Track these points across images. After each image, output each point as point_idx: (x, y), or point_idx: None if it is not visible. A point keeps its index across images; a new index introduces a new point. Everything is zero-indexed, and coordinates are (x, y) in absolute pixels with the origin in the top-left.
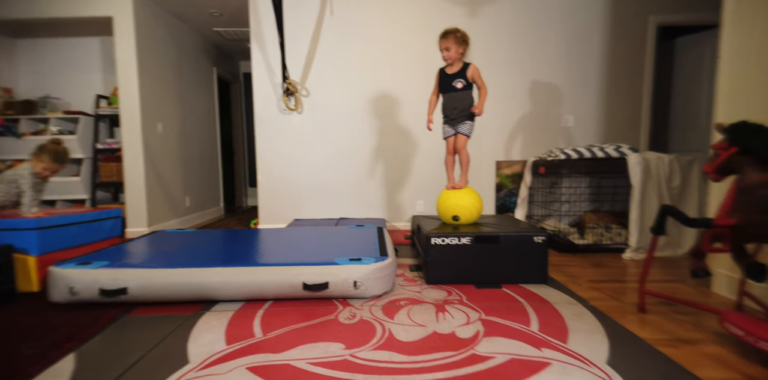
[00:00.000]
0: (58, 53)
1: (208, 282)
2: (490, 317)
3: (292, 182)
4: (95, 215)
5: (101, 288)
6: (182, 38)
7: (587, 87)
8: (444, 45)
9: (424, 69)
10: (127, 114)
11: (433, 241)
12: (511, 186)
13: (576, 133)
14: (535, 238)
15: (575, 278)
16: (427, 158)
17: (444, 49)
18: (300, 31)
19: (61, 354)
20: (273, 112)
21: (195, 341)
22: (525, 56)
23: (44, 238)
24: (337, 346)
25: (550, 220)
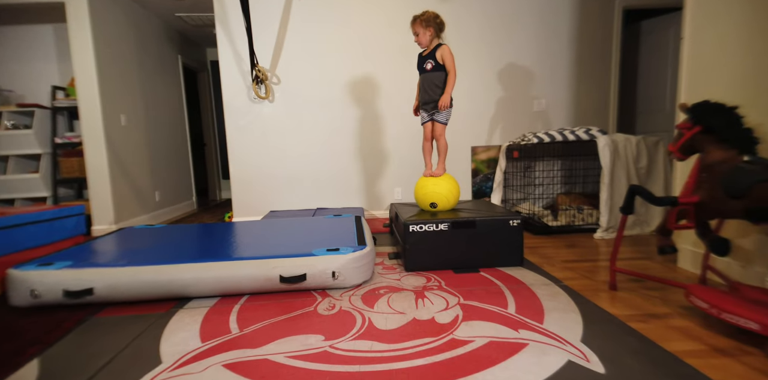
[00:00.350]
0: (7, 42)
1: (179, 279)
2: (469, 301)
3: (266, 173)
4: (55, 213)
5: (65, 289)
6: (143, 25)
7: (557, 71)
8: (413, 30)
9: (400, 54)
10: (87, 106)
11: (411, 228)
12: (486, 171)
13: (548, 117)
14: (511, 222)
15: (549, 259)
16: (404, 145)
17: (414, 34)
18: (267, 14)
19: (24, 360)
20: (243, 101)
21: (167, 340)
22: (496, 41)
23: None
24: (316, 338)
25: (525, 203)
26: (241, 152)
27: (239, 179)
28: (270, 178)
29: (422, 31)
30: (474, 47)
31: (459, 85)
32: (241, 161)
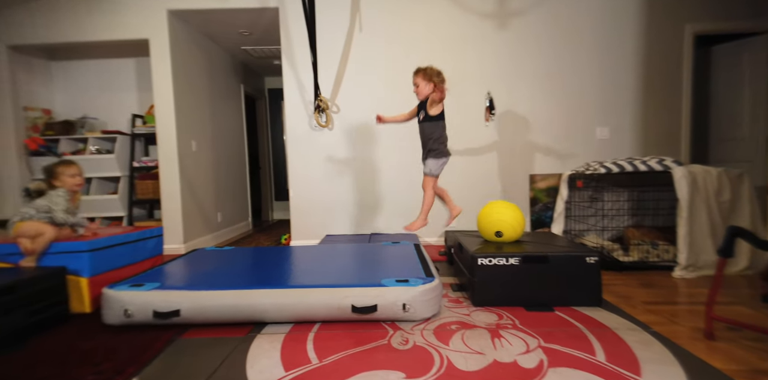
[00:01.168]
0: (94, 74)
1: (258, 304)
2: (550, 344)
3: (322, 197)
4: (139, 234)
5: (155, 310)
6: (213, 57)
7: (622, 98)
8: (414, 81)
9: (453, 85)
10: (164, 133)
11: (480, 261)
12: (546, 200)
13: (612, 145)
14: (587, 259)
15: (627, 299)
16: (457, 173)
17: (414, 84)
18: (330, 48)
19: (125, 379)
20: (304, 128)
21: (252, 367)
22: (556, 67)
23: (95, 259)
24: (396, 375)
25: (590, 235)
26: (301, 177)
27: (298, 203)
28: (326, 203)
29: (423, 84)
30: (532, 73)
31: (517, 112)
32: (301, 186)
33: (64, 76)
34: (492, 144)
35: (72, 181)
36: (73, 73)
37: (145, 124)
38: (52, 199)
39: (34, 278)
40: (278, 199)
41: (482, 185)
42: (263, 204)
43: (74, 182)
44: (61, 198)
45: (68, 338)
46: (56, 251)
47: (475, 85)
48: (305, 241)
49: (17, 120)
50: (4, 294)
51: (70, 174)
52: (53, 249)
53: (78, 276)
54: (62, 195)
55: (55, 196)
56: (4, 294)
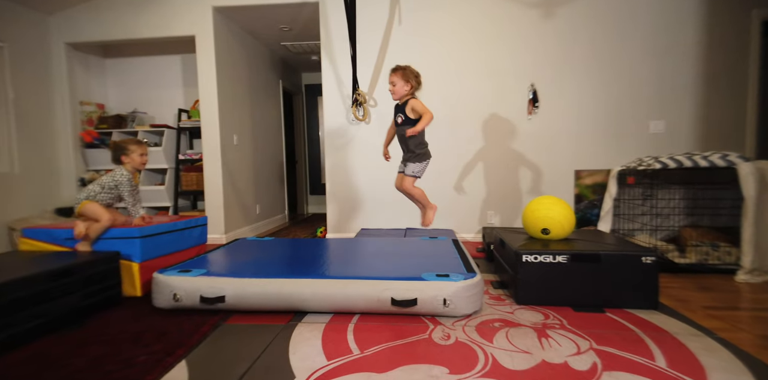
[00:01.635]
0: (143, 70)
1: (299, 293)
2: (603, 347)
3: (358, 191)
4: (186, 223)
5: (202, 295)
6: (254, 53)
7: (680, 89)
8: (391, 79)
9: (494, 76)
10: (207, 126)
11: (525, 258)
12: (592, 197)
13: (667, 140)
14: (644, 258)
15: (685, 303)
16: (497, 168)
17: (390, 83)
18: (368, 42)
19: (174, 360)
20: (341, 122)
21: (295, 353)
22: (606, 56)
23: (146, 246)
24: (440, 370)
25: (641, 235)
26: (337, 171)
27: (334, 197)
28: (362, 197)
29: (401, 84)
30: (580, 63)
31: (561, 105)
32: (337, 179)
33: (117, 73)
34: (534, 138)
35: (140, 159)
36: (124, 70)
37: (190, 118)
38: (116, 177)
39: (90, 262)
40: (313, 193)
41: (523, 182)
42: (298, 198)
43: (142, 161)
44: (125, 179)
45: (121, 319)
46: (110, 237)
47: (517, 77)
48: (341, 234)
49: (74, 114)
50: (63, 276)
51: (140, 153)
52: (107, 235)
53: (130, 261)
54: (126, 176)
55: (119, 176)
56: (63, 277)
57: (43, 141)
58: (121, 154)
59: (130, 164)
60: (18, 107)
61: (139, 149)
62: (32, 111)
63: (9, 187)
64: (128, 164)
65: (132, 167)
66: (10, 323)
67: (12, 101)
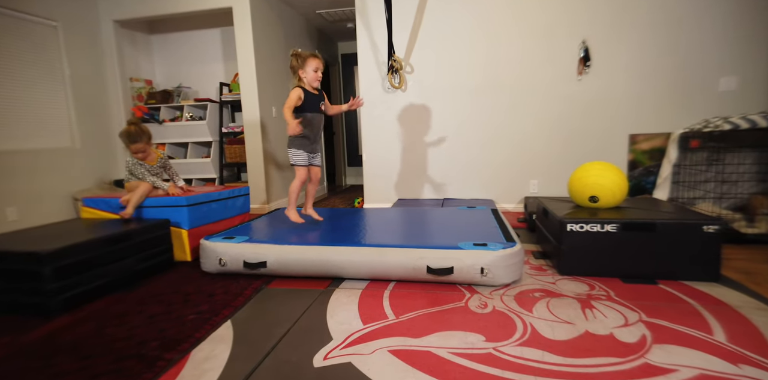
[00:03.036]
0: (186, 45)
1: (337, 260)
2: (654, 319)
3: (396, 161)
4: (229, 192)
5: (245, 260)
6: (290, 23)
7: (755, 40)
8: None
9: (541, 36)
10: (247, 99)
11: (569, 227)
12: (648, 163)
13: (740, 98)
14: (705, 227)
15: (752, 275)
16: (540, 135)
17: (317, 69)
18: (405, 3)
19: (221, 319)
20: (378, 91)
21: (332, 317)
22: (665, 5)
23: (193, 214)
24: (476, 337)
25: (703, 203)
26: (374, 141)
27: (370, 167)
28: (399, 166)
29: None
30: (636, 13)
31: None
32: (374, 150)
33: (162, 49)
34: (585, 101)
35: (136, 156)
36: (169, 45)
37: (231, 92)
38: (127, 166)
39: (143, 228)
40: (350, 165)
41: (570, 147)
42: (337, 169)
43: (137, 156)
44: (131, 165)
45: (173, 282)
46: (160, 205)
47: (566, 35)
48: (378, 204)
49: (125, 90)
50: (120, 241)
51: (135, 150)
52: (158, 203)
53: (179, 228)
54: (131, 162)
55: (128, 164)
56: (120, 242)
57: (99, 117)
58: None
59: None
60: (74, 84)
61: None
62: (87, 88)
63: (71, 160)
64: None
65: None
66: (77, 282)
67: (69, 77)
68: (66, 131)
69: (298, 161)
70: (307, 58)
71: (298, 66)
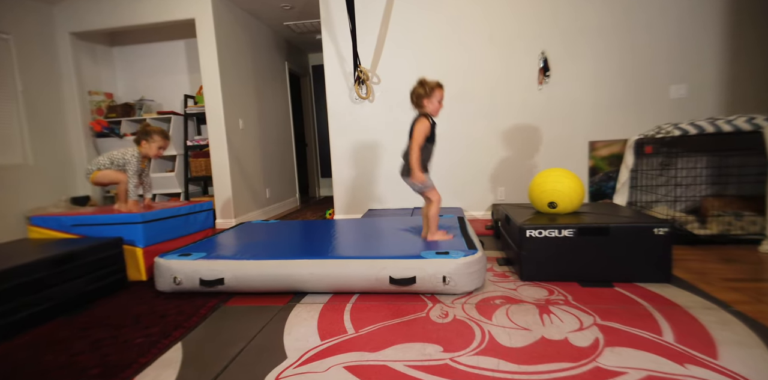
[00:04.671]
0: (149, 58)
1: (297, 274)
2: (608, 322)
3: (365, 172)
4: (190, 208)
5: (201, 278)
6: (256, 35)
7: (705, 50)
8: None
9: (502, 46)
10: (212, 112)
11: (529, 233)
12: (607, 169)
13: (690, 105)
14: (656, 230)
15: (703, 275)
16: (506, 143)
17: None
18: (369, 16)
19: (170, 342)
20: (345, 102)
21: (290, 334)
22: (621, 19)
23: (149, 230)
24: (434, 348)
25: (659, 207)
26: (343, 152)
27: (340, 178)
28: (368, 177)
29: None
30: (593, 24)
31: (573, 73)
32: (343, 161)
33: (124, 61)
34: (546, 109)
35: (156, 152)
36: (131, 58)
37: (196, 104)
38: (126, 156)
39: (93, 248)
40: (324, 176)
41: (533, 155)
42: (310, 181)
43: (157, 153)
44: (135, 159)
45: (123, 304)
46: (113, 223)
47: (527, 46)
48: (349, 215)
49: (83, 104)
50: (66, 262)
51: (159, 146)
52: (111, 220)
53: (134, 246)
54: (136, 157)
55: (130, 155)
56: (66, 263)
57: (55, 132)
58: (143, 139)
59: (145, 150)
60: (27, 99)
61: (161, 142)
62: (42, 102)
63: (24, 177)
64: (143, 149)
65: (145, 152)
66: (15, 308)
67: (21, 92)
68: (17, 147)
69: (429, 183)
70: (435, 87)
71: (425, 95)
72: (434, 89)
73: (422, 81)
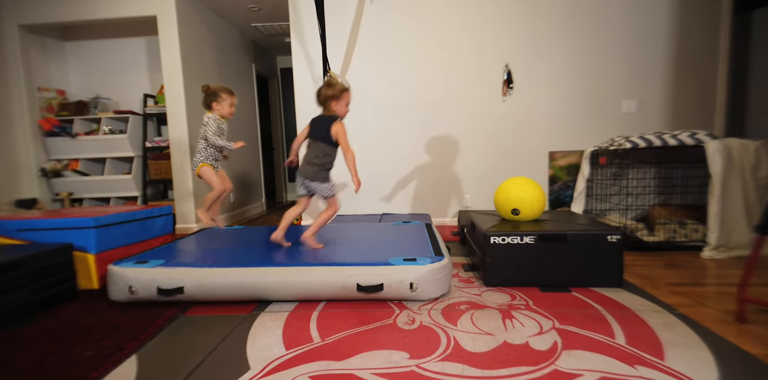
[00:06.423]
0: (106, 54)
1: (262, 282)
2: (566, 326)
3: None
4: (147, 212)
5: (159, 287)
6: (222, 35)
7: (652, 69)
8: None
9: (468, 57)
10: (174, 112)
11: (493, 240)
12: (566, 178)
13: (640, 119)
14: (609, 237)
15: (651, 280)
16: (472, 151)
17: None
18: (339, 21)
19: (124, 355)
20: (314, 106)
21: (253, 344)
22: (577, 37)
23: (102, 236)
24: (400, 355)
25: (612, 215)
26: None
27: None
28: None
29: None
30: (552, 43)
31: (534, 86)
32: None
33: (78, 57)
34: (510, 120)
35: (229, 109)
36: (86, 54)
37: (156, 104)
38: (204, 120)
39: (38, 255)
40: (291, 180)
41: (498, 163)
42: (277, 185)
43: (230, 111)
44: (211, 120)
45: (73, 314)
46: (62, 227)
47: (491, 58)
48: None
49: (31, 101)
50: (8, 270)
51: (231, 103)
52: (59, 224)
53: (85, 253)
54: (212, 118)
55: (206, 118)
56: (8, 271)
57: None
58: (213, 100)
59: (219, 111)
60: None
61: (229, 99)
62: None
63: None
64: (217, 111)
65: (220, 114)
66: None
67: None
68: None
69: (336, 191)
70: (344, 91)
71: (334, 97)
72: (343, 92)
73: (331, 83)
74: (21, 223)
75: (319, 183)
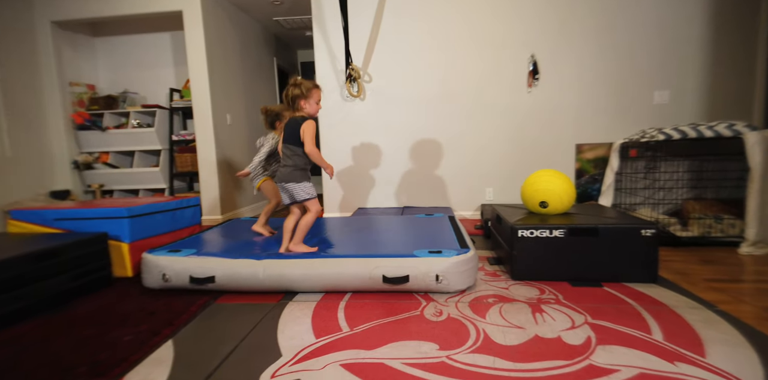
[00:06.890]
0: (133, 49)
1: (289, 274)
2: (599, 321)
3: (354, 170)
4: (177, 203)
5: (191, 275)
6: (245, 29)
7: (686, 58)
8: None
9: (491, 48)
10: (199, 106)
11: (520, 233)
12: (593, 171)
13: (672, 110)
14: (643, 231)
15: (686, 276)
16: (494, 144)
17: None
18: (361, 13)
19: (161, 340)
20: (336, 99)
21: (283, 332)
22: (606, 25)
23: (135, 226)
24: (429, 346)
25: (643, 209)
26: (332, 149)
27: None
28: (358, 175)
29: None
30: (581, 32)
31: (561, 77)
32: (333, 158)
33: (107, 52)
34: (534, 112)
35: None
36: (115, 49)
37: (182, 98)
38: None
39: (76, 243)
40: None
41: (521, 156)
42: None
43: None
44: (273, 141)
45: (110, 301)
46: (97, 217)
47: (516, 48)
48: (337, 214)
49: (64, 95)
50: (47, 258)
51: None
52: (95, 214)
53: (119, 242)
54: (274, 138)
55: (275, 143)
56: (47, 258)
57: (34, 123)
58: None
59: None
60: (5, 89)
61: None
62: (20, 93)
63: (1, 170)
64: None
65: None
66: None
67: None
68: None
69: (313, 193)
70: (312, 88)
71: (302, 96)
72: (311, 90)
73: (297, 82)
74: (58, 212)
75: (293, 184)
